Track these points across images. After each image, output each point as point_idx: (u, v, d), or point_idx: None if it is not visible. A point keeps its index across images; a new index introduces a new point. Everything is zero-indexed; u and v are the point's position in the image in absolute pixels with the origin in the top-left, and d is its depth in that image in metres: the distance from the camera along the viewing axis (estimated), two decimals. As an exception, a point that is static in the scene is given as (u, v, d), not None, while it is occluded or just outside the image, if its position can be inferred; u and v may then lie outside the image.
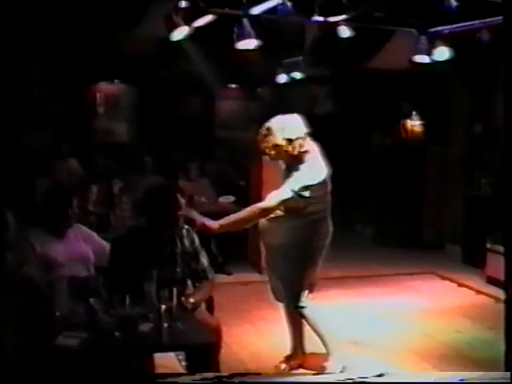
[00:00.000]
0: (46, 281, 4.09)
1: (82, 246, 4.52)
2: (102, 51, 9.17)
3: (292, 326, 5.08)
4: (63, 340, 3.42)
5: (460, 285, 7.63)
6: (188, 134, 10.23)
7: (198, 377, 2.93)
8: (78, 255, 4.44)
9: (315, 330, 4.87)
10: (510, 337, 2.86)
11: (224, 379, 2.76)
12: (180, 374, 3.94)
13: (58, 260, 4.33)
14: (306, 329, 4.98)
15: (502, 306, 6.61)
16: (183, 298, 3.88)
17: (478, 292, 7.33)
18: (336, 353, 4.85)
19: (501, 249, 7.43)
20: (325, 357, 4.90)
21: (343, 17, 6.36)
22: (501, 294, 6.95)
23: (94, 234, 4.75)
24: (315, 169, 4.63)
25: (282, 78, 9.76)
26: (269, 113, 4.95)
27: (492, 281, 7.48)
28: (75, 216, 4.55)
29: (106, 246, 4.62)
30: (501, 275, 7.10)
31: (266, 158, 4.90)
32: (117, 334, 3.48)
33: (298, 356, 5.10)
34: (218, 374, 3.65)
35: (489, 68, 8.52)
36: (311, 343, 5.04)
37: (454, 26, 6.84)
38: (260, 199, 7.55)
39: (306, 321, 4.89)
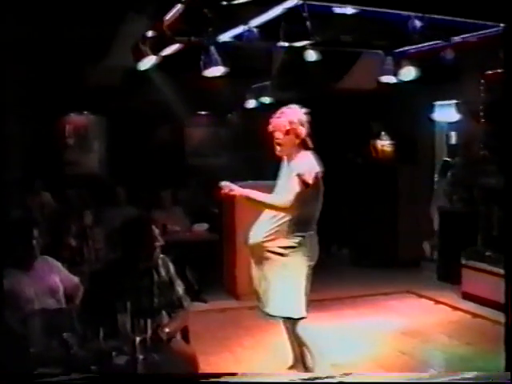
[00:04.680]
0: (17, 318, 4.02)
1: (49, 277, 4.42)
2: (71, 83, 9.16)
3: (292, 337, 5.05)
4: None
5: (437, 302, 7.64)
6: (160, 163, 10.22)
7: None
8: (46, 287, 4.35)
9: (304, 346, 4.85)
10: (510, 337, 2.89)
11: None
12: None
13: (27, 294, 4.25)
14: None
15: (478, 321, 6.72)
16: (158, 329, 3.85)
17: (455, 308, 7.34)
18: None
19: (476, 264, 7.50)
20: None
21: (309, 42, 6.44)
22: (477, 309, 7.02)
23: (59, 264, 4.68)
24: (311, 160, 4.87)
25: (252, 103, 9.84)
26: (240, 138, 4.98)
27: (468, 296, 7.50)
28: (40, 247, 4.47)
29: (72, 276, 4.58)
30: (476, 290, 7.23)
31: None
32: (92, 368, 3.43)
33: (298, 368, 5.06)
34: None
35: (453, 84, 8.64)
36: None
37: (419, 45, 6.96)
38: (234, 225, 7.61)
39: (298, 336, 4.85)
